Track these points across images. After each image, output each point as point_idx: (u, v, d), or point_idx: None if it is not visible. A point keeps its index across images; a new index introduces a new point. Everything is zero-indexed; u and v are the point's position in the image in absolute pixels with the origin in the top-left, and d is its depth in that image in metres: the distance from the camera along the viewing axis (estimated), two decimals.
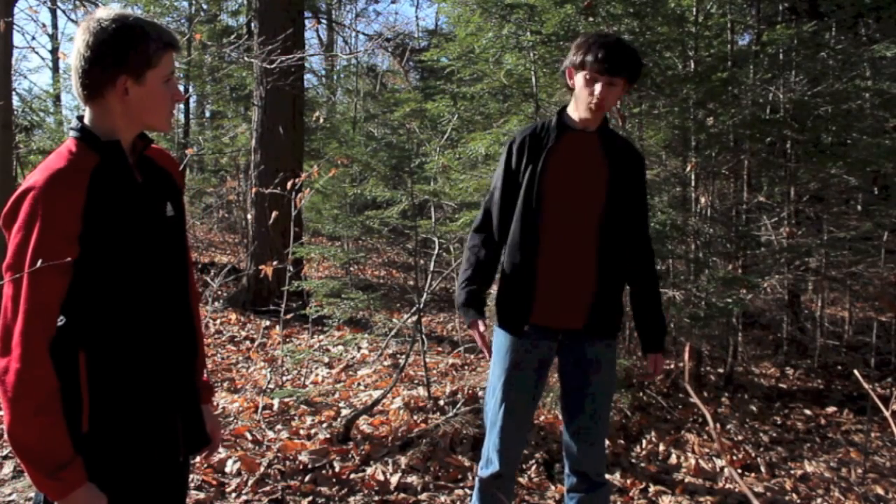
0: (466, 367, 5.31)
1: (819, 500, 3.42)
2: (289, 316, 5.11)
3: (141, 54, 1.45)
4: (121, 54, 1.43)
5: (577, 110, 2.32)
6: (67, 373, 1.41)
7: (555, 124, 2.34)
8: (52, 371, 1.38)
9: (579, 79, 2.25)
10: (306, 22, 9.03)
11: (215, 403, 4.34)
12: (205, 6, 11.12)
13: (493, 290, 2.54)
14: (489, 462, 2.40)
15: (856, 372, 1.42)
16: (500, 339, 2.40)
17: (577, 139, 2.33)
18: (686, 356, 2.35)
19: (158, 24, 1.53)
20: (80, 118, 1.52)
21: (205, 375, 1.81)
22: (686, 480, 3.51)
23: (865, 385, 1.06)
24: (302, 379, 4.95)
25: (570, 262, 2.30)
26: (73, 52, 1.45)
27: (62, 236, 1.37)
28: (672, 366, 4.80)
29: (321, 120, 7.98)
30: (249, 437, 3.79)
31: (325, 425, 3.97)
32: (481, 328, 2.40)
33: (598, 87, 2.22)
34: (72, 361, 1.42)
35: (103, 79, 1.45)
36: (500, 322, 2.39)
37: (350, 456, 3.59)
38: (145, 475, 1.53)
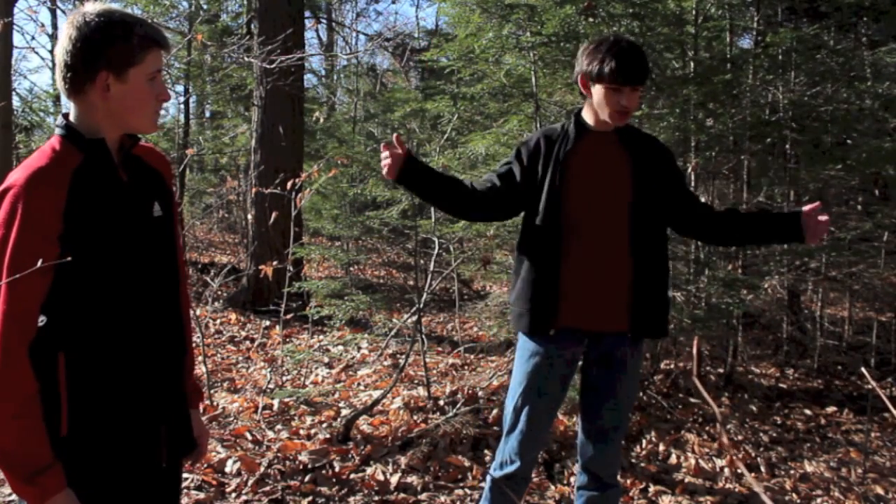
0: (466, 367, 5.31)
1: (819, 500, 3.42)
2: (289, 316, 5.11)
3: (123, 50, 1.41)
4: (101, 49, 1.40)
5: (596, 116, 2.28)
6: (46, 375, 1.38)
7: (573, 127, 2.31)
8: (32, 374, 1.35)
9: (599, 90, 2.21)
10: (306, 22, 9.03)
11: (215, 404, 4.33)
12: (205, 6, 11.10)
13: (511, 293, 2.50)
14: (507, 463, 2.36)
15: (864, 370, 1.41)
16: (524, 341, 2.35)
17: (596, 139, 2.30)
18: (694, 350, 2.36)
19: (147, 21, 1.50)
20: (66, 115, 1.48)
21: (193, 379, 1.76)
22: (686, 480, 3.51)
23: (873, 383, 1.06)
24: (302, 379, 4.94)
25: (600, 262, 2.24)
26: (58, 47, 1.42)
27: (42, 236, 1.34)
28: (672, 366, 4.80)
29: (321, 120, 7.98)
30: (249, 437, 3.78)
31: (325, 425, 3.97)
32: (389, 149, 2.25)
33: (623, 98, 2.20)
34: (51, 363, 1.39)
35: (84, 74, 1.41)
36: (524, 325, 2.31)
37: (350, 456, 3.59)
38: (125, 481, 1.49)
